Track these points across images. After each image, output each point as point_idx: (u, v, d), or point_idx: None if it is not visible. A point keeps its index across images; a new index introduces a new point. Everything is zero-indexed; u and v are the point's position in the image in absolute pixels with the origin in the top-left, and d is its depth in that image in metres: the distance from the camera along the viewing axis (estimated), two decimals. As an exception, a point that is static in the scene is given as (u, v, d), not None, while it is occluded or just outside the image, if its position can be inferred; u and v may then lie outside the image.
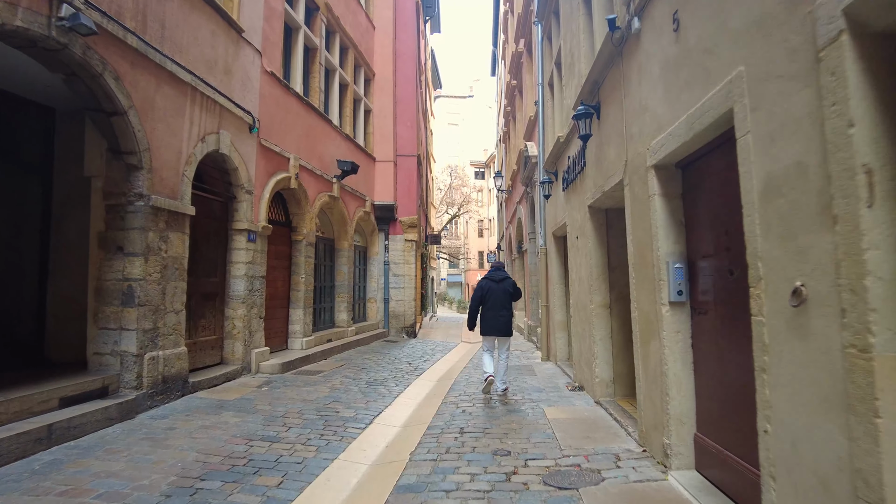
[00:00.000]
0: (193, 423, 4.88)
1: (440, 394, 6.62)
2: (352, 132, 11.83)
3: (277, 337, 8.76)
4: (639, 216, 3.95)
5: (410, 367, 8.79)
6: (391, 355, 10.07)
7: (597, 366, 5.63)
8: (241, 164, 7.24)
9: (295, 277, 9.11)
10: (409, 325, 13.45)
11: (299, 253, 9.14)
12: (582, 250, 6.20)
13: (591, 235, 5.75)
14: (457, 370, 8.66)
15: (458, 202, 42.60)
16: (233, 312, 7.24)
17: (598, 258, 5.72)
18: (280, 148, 8.29)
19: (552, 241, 8.65)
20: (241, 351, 7.23)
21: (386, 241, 13.39)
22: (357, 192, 11.82)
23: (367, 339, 11.63)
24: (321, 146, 9.98)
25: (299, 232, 9.15)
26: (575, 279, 6.76)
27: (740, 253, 2.75)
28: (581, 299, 6.35)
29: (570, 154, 6.77)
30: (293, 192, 8.83)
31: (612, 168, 4.71)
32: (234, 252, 7.32)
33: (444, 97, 54.93)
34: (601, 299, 5.68)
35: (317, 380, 7.28)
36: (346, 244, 11.24)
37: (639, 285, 4.03)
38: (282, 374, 7.60)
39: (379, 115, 13.38)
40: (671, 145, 3.27)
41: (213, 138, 6.56)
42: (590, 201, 5.63)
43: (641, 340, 4.01)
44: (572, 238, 6.81)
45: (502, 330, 6.33)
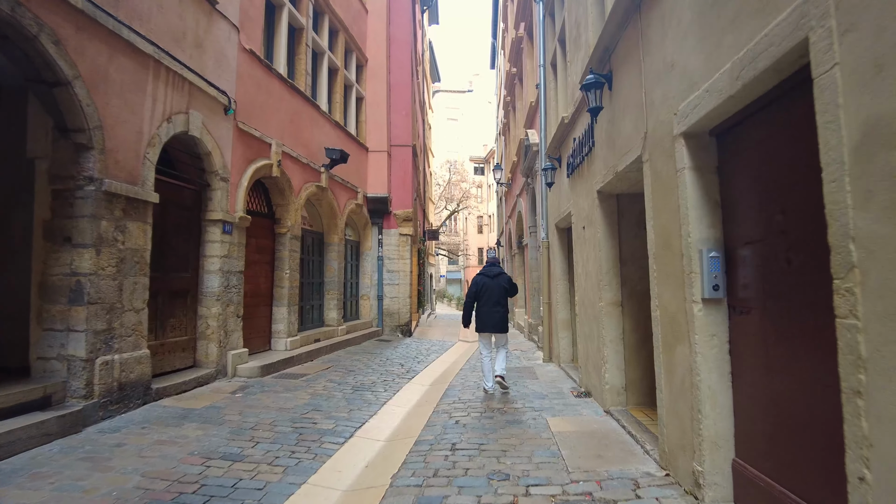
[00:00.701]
0: (147, 438, 4.26)
1: (432, 400, 6.01)
2: (342, 120, 11.19)
3: (259, 337, 8.15)
4: (662, 197, 3.33)
5: (403, 369, 8.18)
6: (383, 356, 9.45)
7: (607, 371, 5.02)
8: (215, 148, 6.61)
9: (279, 273, 8.49)
10: (404, 324, 12.84)
11: (283, 247, 8.51)
12: (590, 242, 5.57)
13: (600, 225, 5.13)
14: (452, 372, 8.05)
15: (458, 198, 41.95)
16: (206, 311, 6.62)
17: (609, 250, 5.09)
18: (260, 133, 7.66)
19: (555, 233, 8.03)
20: (216, 353, 6.61)
21: (380, 236, 12.77)
22: (348, 183, 11.19)
23: (359, 338, 11.02)
24: (308, 133, 9.35)
25: (283, 224, 8.52)
26: (581, 274, 6.14)
27: (805, 235, 2.13)
28: (588, 296, 5.73)
29: (575, 136, 6.14)
30: (275, 180, 8.20)
31: (628, 144, 4.08)
32: (207, 245, 6.70)
33: (443, 92, 54.30)
34: (612, 296, 5.06)
35: (298, 384, 6.67)
36: (335, 238, 10.62)
37: (662, 279, 3.41)
38: (261, 377, 6.99)
39: (372, 102, 12.74)
40: (707, 105, 2.65)
41: (181, 119, 5.93)
42: (599, 185, 5.00)
43: (665, 345, 3.39)
44: (578, 229, 6.19)
45: (498, 326, 6.23)
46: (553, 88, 8.07)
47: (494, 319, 6.25)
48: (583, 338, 6.17)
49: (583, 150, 5.66)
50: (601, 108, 4.43)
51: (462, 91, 57.46)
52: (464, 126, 54.97)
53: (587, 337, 5.89)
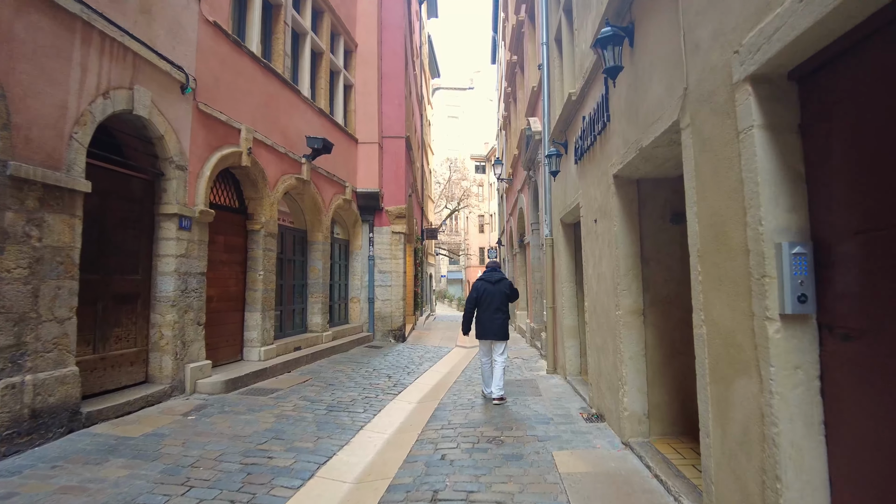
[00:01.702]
0: (51, 484, 3.39)
1: (418, 424, 5.12)
2: (328, 108, 10.31)
3: (229, 346, 7.28)
4: (713, 172, 2.44)
5: (389, 382, 7.30)
6: (371, 366, 8.57)
7: (626, 394, 4.12)
8: (169, 131, 5.74)
9: (251, 275, 7.62)
10: (396, 328, 11.96)
11: (256, 245, 7.64)
12: (603, 237, 4.68)
13: (617, 216, 4.23)
14: (445, 386, 7.16)
15: (458, 196, 41.07)
16: (160, 318, 5.75)
17: (628, 247, 4.20)
18: (227, 117, 6.79)
19: (560, 229, 7.13)
20: (171, 366, 5.74)
21: (370, 234, 11.89)
22: (334, 176, 10.31)
23: (347, 345, 10.14)
24: (286, 119, 8.47)
25: (256, 220, 7.65)
26: (592, 276, 5.25)
27: None
28: (602, 302, 4.83)
29: (585, 113, 5.25)
30: (246, 171, 7.33)
31: (656, 111, 3.19)
32: (161, 243, 5.83)
33: (443, 89, 53.51)
34: (631, 303, 4.16)
35: (265, 403, 5.79)
36: (320, 236, 9.74)
37: (712, 285, 2.52)
38: (224, 394, 6.12)
39: (362, 91, 11.86)
40: (791, 31, 1.76)
41: (123, 95, 5.06)
42: (617, 168, 4.10)
43: (715, 375, 2.50)
44: (588, 222, 5.29)
45: (498, 333, 6.08)
46: (558, 66, 7.17)
47: (495, 326, 6.09)
48: (594, 350, 5.27)
49: (594, 128, 4.77)
50: (620, 69, 3.53)
51: (463, 88, 56.61)
52: (465, 124, 54.18)
53: (599, 350, 4.99)
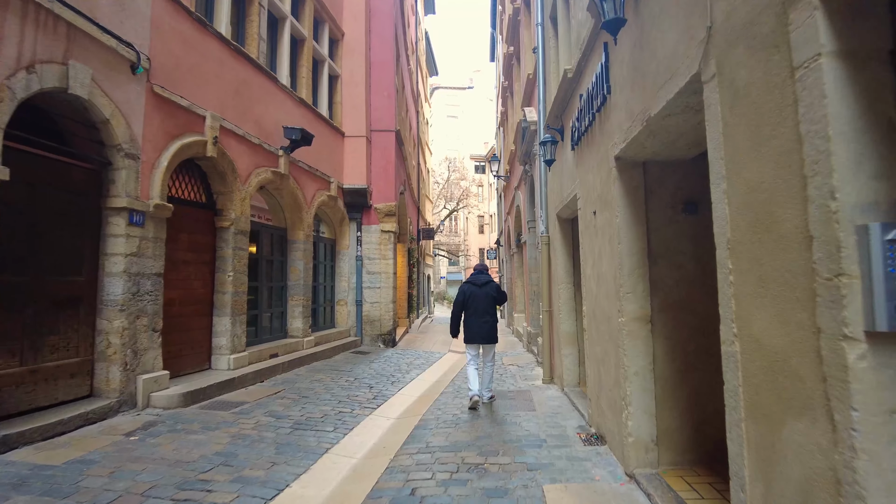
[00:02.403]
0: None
1: (392, 447, 4.48)
2: (310, 98, 9.69)
3: (194, 354, 6.64)
4: (752, 130, 1.79)
5: (370, 393, 6.65)
6: (353, 374, 7.93)
7: (630, 416, 3.48)
8: (117, 115, 5.11)
9: (220, 276, 6.98)
10: (386, 332, 11.31)
11: (226, 244, 7.01)
12: (604, 231, 4.04)
13: (619, 205, 3.59)
14: (430, 398, 6.52)
15: (457, 196, 40.46)
16: (107, 324, 5.12)
17: (632, 242, 3.56)
18: (190, 102, 6.16)
19: (556, 225, 6.49)
20: (119, 378, 5.11)
21: (358, 233, 11.25)
22: (317, 171, 9.68)
23: (330, 351, 9.50)
24: (261, 109, 7.85)
25: (225, 216, 7.02)
26: (590, 276, 4.61)
27: None
28: (602, 306, 4.19)
29: (582, 90, 4.61)
30: (213, 162, 6.69)
31: (668, 66, 2.55)
32: (109, 240, 5.20)
33: (442, 88, 53.02)
34: (637, 308, 3.52)
35: (225, 419, 5.16)
36: (301, 234, 9.10)
37: (750, 287, 1.87)
38: (182, 408, 5.48)
39: (349, 82, 11.23)
40: None
41: (53, 71, 4.43)
42: (619, 148, 3.47)
43: (754, 411, 1.85)
44: (586, 215, 4.65)
45: (486, 337, 5.97)
46: (553, 47, 6.54)
47: (483, 330, 5.97)
48: (594, 361, 4.63)
49: (592, 105, 4.13)
50: (623, 22, 2.89)
51: (462, 88, 56.06)
52: (464, 124, 53.67)
53: (600, 361, 4.35)
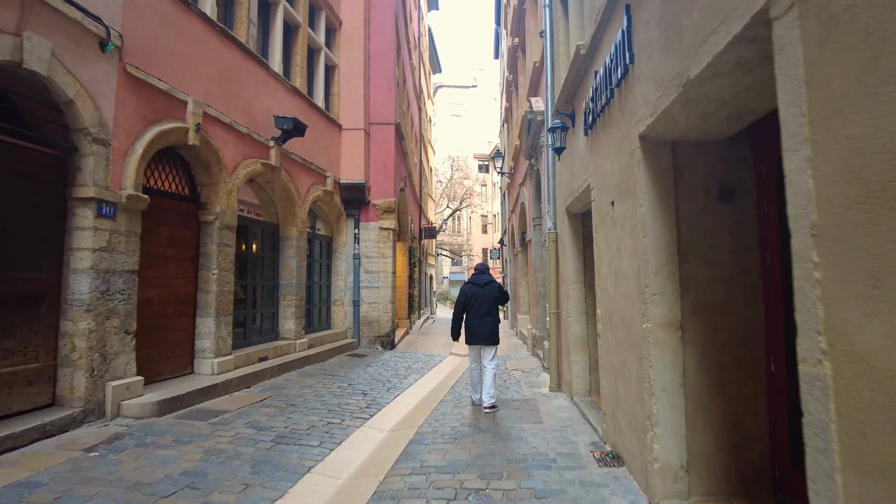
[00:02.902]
0: None
1: (383, 465, 3.99)
2: (305, 88, 9.21)
3: (176, 358, 6.18)
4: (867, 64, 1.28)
5: (363, 401, 6.17)
6: (347, 379, 7.45)
7: (656, 438, 2.98)
8: (83, 96, 4.64)
9: (204, 274, 6.51)
10: (384, 334, 10.83)
11: (210, 239, 6.54)
12: (624, 224, 3.54)
13: (644, 192, 3.09)
14: (429, 406, 6.03)
15: (461, 196, 39.99)
16: (72, 326, 4.66)
17: (660, 235, 3.06)
18: (169, 86, 5.69)
19: (566, 220, 5.99)
20: (85, 385, 4.64)
21: (356, 230, 10.77)
22: (312, 164, 9.20)
23: (325, 353, 9.02)
24: (250, 96, 7.38)
25: (210, 210, 6.54)
26: (607, 275, 4.11)
27: None
28: (622, 310, 3.69)
29: (597, 67, 4.11)
30: (196, 151, 6.22)
31: (717, 10, 2.04)
32: (75, 233, 4.74)
33: (446, 87, 52.61)
34: (665, 312, 3.02)
35: (201, 430, 4.68)
36: (294, 231, 8.63)
37: (855, 288, 1.35)
38: (157, 417, 5.01)
39: (347, 73, 10.76)
40: None
41: (4, 42, 3.96)
42: (644, 125, 2.97)
43: (859, 460, 1.34)
44: (602, 206, 4.15)
45: (488, 338, 5.84)
46: (563, 28, 6.03)
47: (485, 331, 5.84)
48: (610, 371, 4.12)
49: (610, 80, 3.63)
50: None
51: (466, 86, 55.62)
52: (468, 122, 53.28)
53: (618, 371, 3.85)
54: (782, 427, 2.90)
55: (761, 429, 3.01)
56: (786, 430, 2.87)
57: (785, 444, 2.88)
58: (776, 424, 2.96)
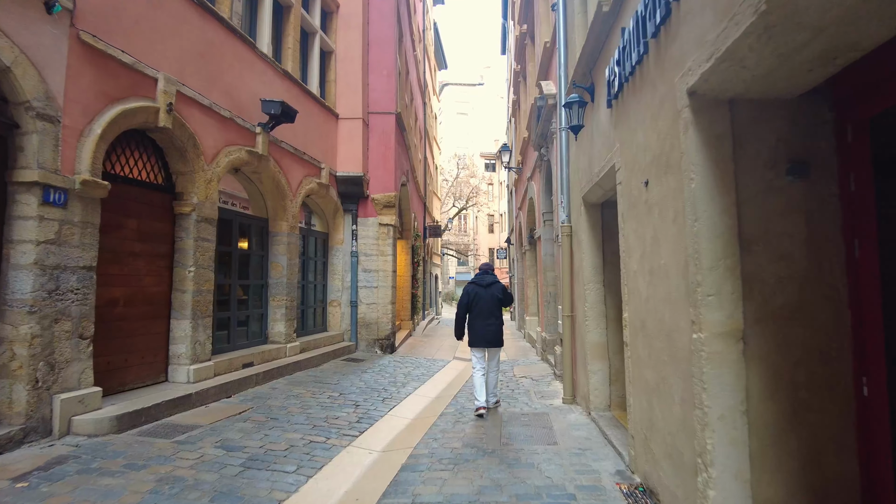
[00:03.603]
0: None
1: (366, 500, 3.32)
2: (298, 73, 8.57)
3: (146, 365, 5.55)
4: None
5: (354, 414, 5.51)
6: (339, 387, 6.79)
7: (712, 482, 2.28)
8: (24, 64, 4.01)
9: (179, 271, 5.88)
10: (384, 337, 10.17)
11: (186, 233, 5.90)
12: (664, 207, 2.85)
13: (696, 166, 2.40)
14: (428, 420, 5.36)
15: (467, 195, 39.34)
16: (11, 331, 4.03)
17: (715, 220, 2.37)
18: (134, 59, 5.06)
19: (582, 211, 5.30)
20: (27, 399, 4.01)
21: (354, 226, 10.12)
22: (305, 154, 8.56)
23: (319, 358, 8.37)
24: (234, 77, 6.74)
25: (186, 201, 5.91)
26: (638, 272, 3.42)
27: None
28: (660, 315, 2.99)
29: (625, 22, 3.41)
30: (169, 135, 5.59)
31: None
32: (15, 223, 4.11)
33: (452, 85, 52.08)
34: (722, 318, 2.33)
35: (162, 451, 4.04)
36: (285, 226, 7.99)
37: None
38: (115, 434, 4.38)
39: (344, 58, 10.11)
40: None
41: (-77, -5, 3.34)
42: (696, 77, 2.29)
43: None
44: (632, 189, 3.46)
45: (491, 340, 5.71)
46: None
47: (488, 333, 5.69)
48: (642, 388, 3.43)
49: (644, 33, 2.95)
50: None
51: (472, 84, 55.01)
52: (474, 121, 52.70)
53: (653, 391, 3.15)
54: (881, 465, 2.21)
55: (851, 468, 2.31)
56: (888, 470, 2.18)
57: (887, 486, 2.19)
58: (871, 462, 2.27)
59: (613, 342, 5.12)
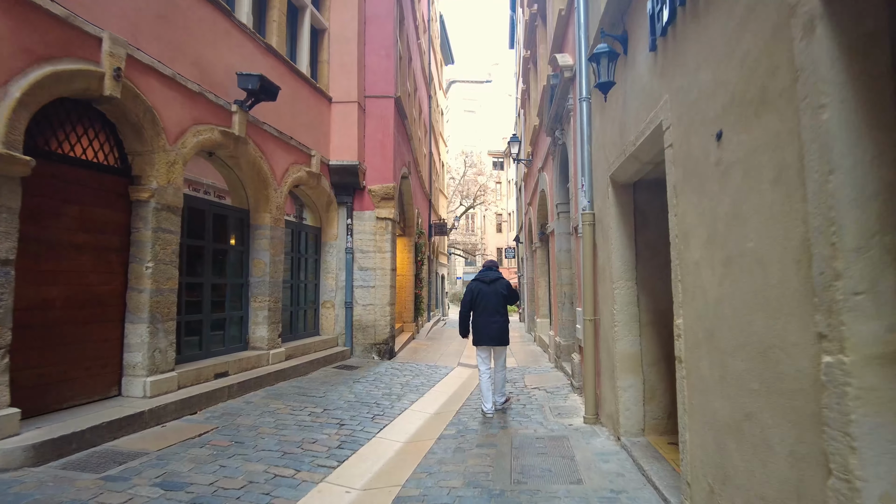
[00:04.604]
0: None
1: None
2: (285, 49, 7.73)
3: (92, 377, 4.71)
4: None
5: (337, 435, 4.64)
6: (325, 401, 5.92)
7: None
8: (-89, 4, 3.19)
9: (135, 267, 5.05)
10: (382, 341, 9.30)
11: (144, 223, 5.07)
12: (751, 167, 1.95)
13: (832, 86, 1.49)
14: (423, 445, 4.47)
15: (474, 193, 38.46)
16: None
17: (865, 169, 1.46)
18: (69, 12, 4.22)
19: (609, 194, 4.38)
20: (-84, 427, 3.18)
21: (348, 220, 9.26)
22: (293, 140, 7.71)
23: (307, 366, 7.51)
24: (204, 47, 5.91)
25: (144, 186, 5.08)
26: (703, 263, 2.50)
27: None
28: (749, 324, 2.07)
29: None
30: (120, 108, 4.75)
31: None
32: None
33: (459, 82, 51.32)
34: (882, 334, 1.42)
35: (79, 492, 3.18)
36: (267, 218, 7.14)
37: None
38: (32, 467, 3.53)
39: (338, 37, 9.26)
40: None
41: None
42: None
43: None
44: (692, 150, 2.55)
45: (496, 338, 5.54)
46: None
47: (493, 331, 5.56)
48: (707, 422, 2.51)
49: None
50: None
51: (480, 81, 54.15)
52: (482, 119, 51.89)
53: (730, 428, 2.24)
54: None
55: None
56: None
57: None
58: None
59: (649, 352, 4.20)
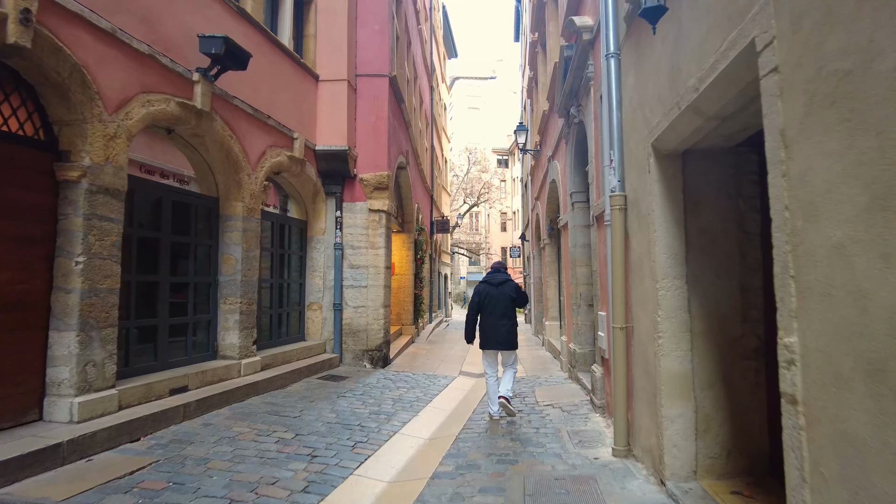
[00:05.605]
0: None
1: None
2: (262, 16, 6.80)
3: (4, 400, 3.79)
4: None
5: (304, 473, 3.70)
6: (300, 423, 4.98)
7: None
8: None
9: (62, 262, 4.12)
10: (374, 347, 8.36)
11: (74, 208, 4.14)
12: None
13: None
14: (413, 488, 3.52)
15: (478, 191, 37.52)
16: None
17: None
18: (-38, -65, 3.30)
19: (652, 166, 3.39)
20: None
21: (338, 212, 8.33)
22: (271, 119, 6.78)
23: (286, 377, 6.58)
24: (159, 3, 4.98)
25: (74, 163, 4.15)
26: (847, 248, 1.54)
27: None
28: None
29: None
30: (36, 63, 3.82)
31: None
32: None
33: (463, 78, 50.51)
34: None
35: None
36: (239, 207, 6.21)
37: None
38: None
39: (326, 10, 8.32)
40: None
41: None
42: None
43: None
44: (822, 70, 1.59)
45: (504, 342, 5.41)
46: None
47: (500, 334, 5.38)
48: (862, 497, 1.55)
49: None
50: None
51: (484, 78, 53.27)
52: (486, 115, 51.04)
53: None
54: None
55: None
56: None
57: None
58: None
59: (703, 372, 3.24)
